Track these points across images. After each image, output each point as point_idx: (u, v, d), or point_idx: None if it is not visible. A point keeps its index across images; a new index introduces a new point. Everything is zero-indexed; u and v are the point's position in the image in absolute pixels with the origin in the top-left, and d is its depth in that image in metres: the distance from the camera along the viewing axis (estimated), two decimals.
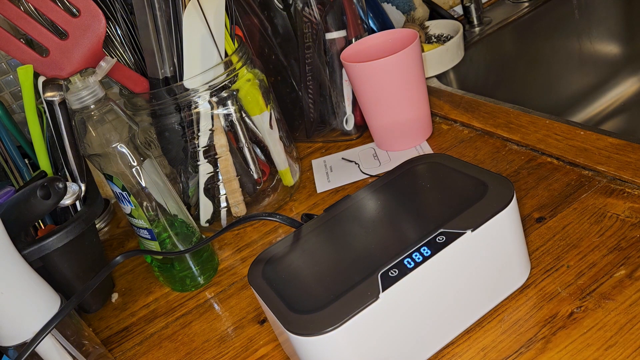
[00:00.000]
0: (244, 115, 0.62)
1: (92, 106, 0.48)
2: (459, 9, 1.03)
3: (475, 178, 0.43)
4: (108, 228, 0.77)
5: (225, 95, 0.59)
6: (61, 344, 0.44)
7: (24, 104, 0.53)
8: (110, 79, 0.58)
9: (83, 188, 0.55)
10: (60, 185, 0.48)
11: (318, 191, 0.66)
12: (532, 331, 0.40)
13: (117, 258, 0.48)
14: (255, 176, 0.64)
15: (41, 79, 0.52)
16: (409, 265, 0.37)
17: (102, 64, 0.53)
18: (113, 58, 0.56)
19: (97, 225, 0.77)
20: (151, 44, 0.56)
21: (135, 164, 0.51)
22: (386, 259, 0.38)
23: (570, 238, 0.47)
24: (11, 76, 0.79)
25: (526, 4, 0.98)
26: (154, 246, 0.55)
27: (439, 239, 0.38)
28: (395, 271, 0.37)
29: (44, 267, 0.52)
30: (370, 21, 0.79)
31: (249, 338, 0.50)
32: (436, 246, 0.38)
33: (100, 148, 0.50)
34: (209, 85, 0.58)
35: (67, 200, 0.52)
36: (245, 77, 0.60)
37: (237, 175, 0.63)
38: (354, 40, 0.70)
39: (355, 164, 0.69)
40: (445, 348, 0.41)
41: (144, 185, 0.53)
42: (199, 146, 0.60)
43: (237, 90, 0.60)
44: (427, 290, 0.38)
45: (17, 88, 0.80)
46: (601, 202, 0.49)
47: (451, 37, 0.87)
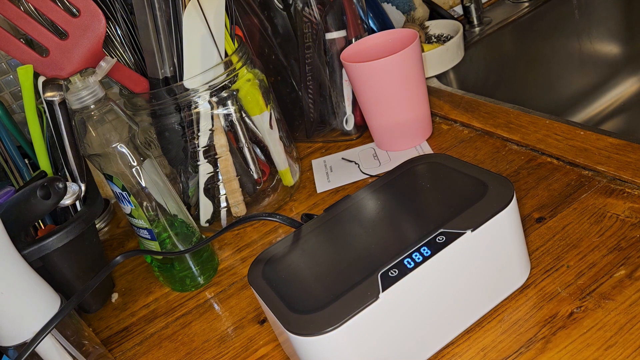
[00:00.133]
0: (244, 115, 0.62)
1: (92, 106, 0.49)
2: (459, 9, 1.03)
3: (475, 178, 0.43)
4: (108, 228, 0.77)
5: (225, 95, 0.59)
6: (61, 344, 0.44)
7: (24, 104, 0.53)
8: (110, 79, 0.58)
9: (83, 188, 0.55)
10: (60, 185, 0.48)
11: (318, 191, 0.66)
12: (532, 331, 0.40)
13: (117, 258, 0.48)
14: (255, 176, 0.64)
15: (41, 79, 0.52)
16: (409, 265, 0.37)
17: (102, 64, 0.53)
18: (113, 58, 0.56)
19: (97, 225, 0.77)
20: (151, 44, 0.56)
21: (135, 164, 0.51)
22: (386, 259, 0.38)
23: (570, 238, 0.47)
24: (11, 76, 0.79)
25: (526, 4, 0.98)
26: (154, 246, 0.55)
27: (439, 239, 0.38)
28: (395, 271, 0.37)
29: (44, 267, 0.52)
30: (370, 21, 0.79)
31: (249, 338, 0.50)
32: (436, 246, 0.38)
33: (100, 148, 0.50)
34: (209, 85, 0.58)
35: (67, 200, 0.52)
36: (245, 77, 0.60)
37: (237, 175, 0.63)
38: (354, 40, 0.70)
39: (355, 164, 0.69)
40: (445, 348, 0.41)
41: (144, 185, 0.53)
42: (199, 146, 0.60)
43: (237, 90, 0.60)
44: (427, 290, 0.38)
45: (17, 88, 0.80)
46: (601, 202, 0.49)
47: (451, 37, 0.87)
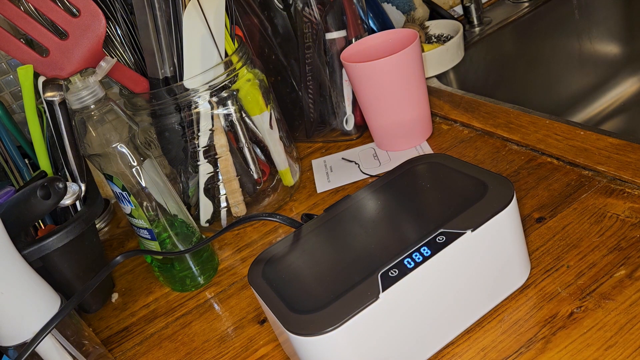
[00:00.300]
0: (244, 115, 0.62)
1: (92, 106, 0.49)
2: (459, 9, 1.03)
3: (475, 178, 0.43)
4: (108, 228, 0.77)
5: (225, 95, 0.59)
6: (61, 344, 0.44)
7: (24, 104, 0.53)
8: (110, 79, 0.58)
9: (83, 188, 0.55)
10: (60, 185, 0.48)
11: (318, 191, 0.66)
12: (532, 331, 0.40)
13: (117, 258, 0.48)
14: (255, 176, 0.64)
15: (41, 79, 0.52)
16: (409, 265, 0.37)
17: (102, 64, 0.53)
18: (113, 58, 0.56)
19: (97, 225, 0.77)
20: (151, 44, 0.56)
21: (135, 164, 0.51)
22: (386, 259, 0.38)
23: (570, 238, 0.47)
24: (11, 76, 0.79)
25: (526, 4, 0.98)
26: (154, 246, 0.55)
27: (439, 239, 0.38)
28: (395, 271, 0.37)
29: (44, 267, 0.52)
30: (370, 21, 0.79)
31: (249, 338, 0.50)
32: (436, 246, 0.38)
33: (100, 148, 0.50)
34: (209, 85, 0.58)
35: (67, 200, 0.52)
36: (245, 77, 0.60)
37: (237, 175, 0.63)
38: (354, 40, 0.70)
39: (355, 164, 0.69)
40: (445, 348, 0.41)
41: (144, 185, 0.53)
42: (199, 146, 0.60)
43: (237, 90, 0.60)
44: (427, 290, 0.38)
45: (17, 88, 0.80)
46: (601, 202, 0.49)
47: (451, 37, 0.87)
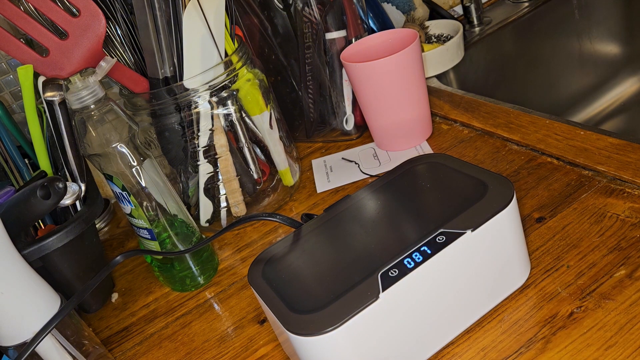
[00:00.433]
0: (244, 115, 0.62)
1: (92, 106, 0.49)
2: (459, 9, 1.03)
3: (475, 178, 0.43)
4: (108, 228, 0.77)
5: (225, 95, 0.59)
6: (61, 344, 0.44)
7: (24, 104, 0.53)
8: (110, 79, 0.58)
9: (83, 188, 0.55)
10: (60, 185, 0.48)
11: (318, 191, 0.66)
12: (532, 331, 0.40)
13: (117, 258, 0.48)
14: (255, 176, 0.64)
15: (41, 79, 0.52)
16: (409, 265, 0.37)
17: (102, 64, 0.53)
18: (113, 58, 0.56)
19: (97, 225, 0.77)
20: (151, 44, 0.56)
21: (135, 164, 0.51)
22: (386, 258, 0.38)
23: (570, 238, 0.47)
24: (11, 76, 0.79)
25: (526, 4, 0.98)
26: (154, 246, 0.55)
27: (439, 239, 0.38)
28: (395, 271, 0.37)
29: (44, 267, 0.52)
30: (370, 21, 0.79)
31: (249, 338, 0.50)
32: (436, 246, 0.38)
33: (100, 148, 0.50)
34: (209, 85, 0.58)
35: (67, 200, 0.52)
36: (245, 77, 0.60)
37: (237, 175, 0.63)
38: (354, 40, 0.70)
39: (355, 164, 0.69)
40: (445, 348, 0.41)
41: (144, 185, 0.53)
42: (199, 146, 0.60)
43: (237, 90, 0.60)
44: (427, 290, 0.38)
45: (17, 88, 0.80)
46: (601, 202, 0.49)
47: (451, 37, 0.87)
